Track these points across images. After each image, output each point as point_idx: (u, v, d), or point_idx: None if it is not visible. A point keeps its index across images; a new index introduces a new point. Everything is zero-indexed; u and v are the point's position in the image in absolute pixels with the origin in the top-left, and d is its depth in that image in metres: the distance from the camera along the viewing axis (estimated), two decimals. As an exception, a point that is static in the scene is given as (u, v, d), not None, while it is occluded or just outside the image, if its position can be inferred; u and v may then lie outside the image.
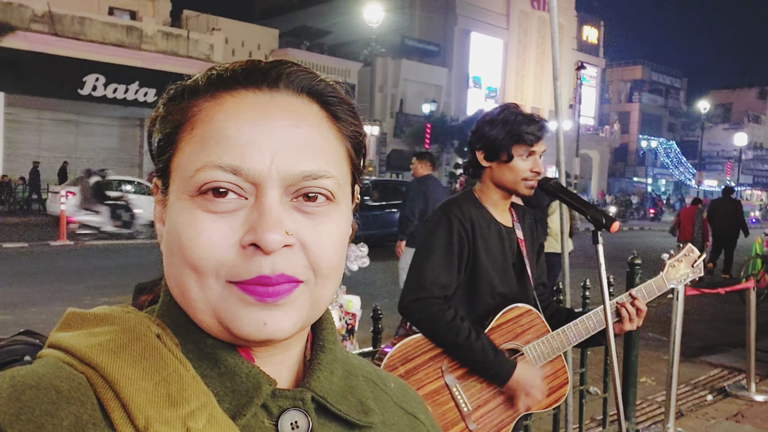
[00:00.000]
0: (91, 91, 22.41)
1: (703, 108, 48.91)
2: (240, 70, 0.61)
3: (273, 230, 0.54)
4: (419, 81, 38.18)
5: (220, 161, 0.56)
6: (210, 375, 0.58)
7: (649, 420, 4.77)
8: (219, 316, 0.57)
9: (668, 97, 68.04)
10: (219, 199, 0.56)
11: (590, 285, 3.49)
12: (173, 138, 0.61)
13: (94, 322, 0.58)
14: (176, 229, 0.58)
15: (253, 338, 0.56)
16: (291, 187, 0.57)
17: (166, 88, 0.65)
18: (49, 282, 9.51)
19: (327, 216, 0.59)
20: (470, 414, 2.02)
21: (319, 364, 0.63)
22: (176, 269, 0.58)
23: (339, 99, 0.63)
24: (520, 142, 2.11)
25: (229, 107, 0.59)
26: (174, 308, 0.61)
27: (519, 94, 45.91)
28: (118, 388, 0.51)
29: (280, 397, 0.59)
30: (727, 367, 6.31)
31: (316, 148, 0.59)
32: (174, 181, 0.60)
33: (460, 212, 2.12)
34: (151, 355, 0.54)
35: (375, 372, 0.74)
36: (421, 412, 0.75)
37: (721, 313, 9.25)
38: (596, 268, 2.12)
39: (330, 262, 0.59)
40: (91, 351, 0.53)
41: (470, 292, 2.13)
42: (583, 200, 2.17)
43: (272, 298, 0.56)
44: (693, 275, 2.29)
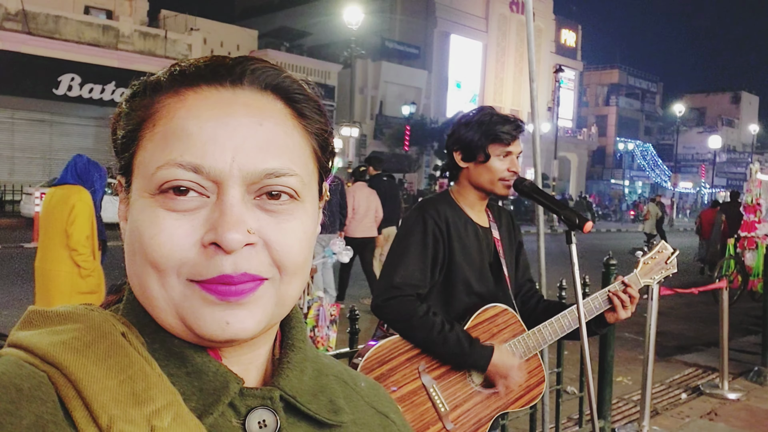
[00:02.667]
0: (66, 91, 22.12)
1: (678, 111, 49.58)
2: (204, 65, 0.60)
3: (234, 229, 0.54)
4: (399, 83, 38.24)
5: (180, 159, 0.55)
6: (177, 374, 0.57)
7: (625, 419, 4.82)
8: (181, 315, 0.56)
9: (645, 101, 68.91)
10: (180, 197, 0.55)
11: (566, 285, 3.51)
12: (135, 135, 0.60)
13: (57, 320, 0.56)
14: (137, 227, 0.56)
15: (216, 338, 0.55)
16: (253, 185, 0.56)
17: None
18: (22, 284, 9.34)
19: (291, 214, 0.58)
20: (447, 414, 2.02)
21: (288, 362, 0.63)
22: (138, 267, 0.57)
23: (304, 96, 0.62)
24: (497, 142, 2.12)
25: (191, 104, 0.58)
26: (139, 307, 0.60)
27: (498, 96, 46.18)
28: (80, 386, 0.50)
29: (248, 396, 0.59)
30: (701, 366, 6.40)
31: (279, 145, 0.58)
32: (136, 178, 0.59)
33: (436, 213, 2.12)
34: (116, 353, 0.53)
35: (346, 371, 0.74)
36: (393, 411, 0.75)
37: (696, 313, 9.39)
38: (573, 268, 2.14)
39: (295, 259, 0.58)
40: (53, 349, 0.52)
41: (447, 292, 2.14)
42: (557, 200, 2.19)
43: (235, 297, 0.55)
44: (666, 272, 2.31)
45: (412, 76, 39.38)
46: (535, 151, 3.35)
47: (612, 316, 2.17)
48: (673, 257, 2.31)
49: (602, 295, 2.18)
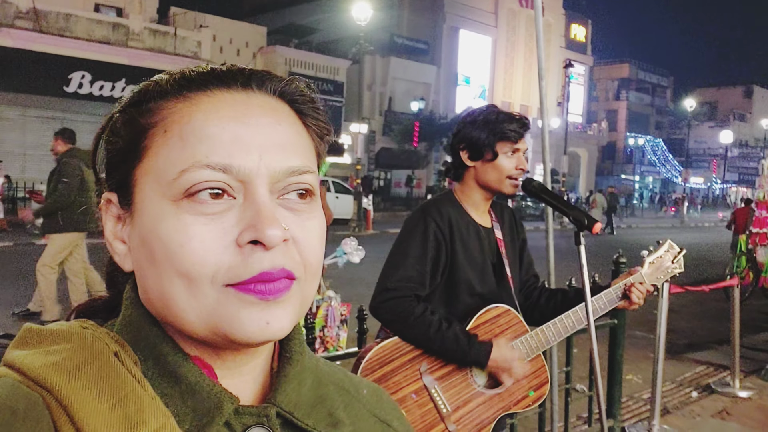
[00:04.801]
0: (77, 88, 22.24)
1: (689, 106, 49.26)
2: (208, 70, 0.60)
3: (273, 225, 0.54)
4: (408, 79, 38.19)
5: (207, 160, 0.54)
6: (171, 393, 0.56)
7: (635, 417, 4.80)
8: (215, 323, 0.54)
9: (655, 96, 68.50)
10: (209, 200, 0.54)
11: (575, 284, 3.50)
12: (137, 144, 0.58)
13: (51, 339, 0.56)
14: (160, 238, 0.55)
15: (255, 340, 0.55)
16: (278, 183, 0.57)
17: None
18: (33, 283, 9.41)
19: (311, 212, 0.59)
20: (450, 415, 2.01)
21: (285, 376, 0.62)
22: (160, 280, 0.55)
23: (306, 98, 0.63)
24: (504, 139, 2.11)
25: (207, 107, 0.57)
26: (137, 323, 0.59)
27: (507, 91, 46.04)
28: (71, 410, 0.49)
29: (243, 414, 0.58)
30: (713, 364, 6.36)
31: (296, 144, 0.59)
32: (145, 188, 0.57)
33: (438, 214, 2.11)
34: (108, 374, 0.52)
35: (347, 379, 0.73)
36: (395, 418, 0.73)
37: (708, 310, 9.32)
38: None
39: (317, 257, 0.59)
40: (45, 371, 0.51)
41: (449, 294, 2.13)
42: (565, 201, 2.18)
43: (273, 296, 0.54)
44: (673, 272, 2.29)
45: (420, 72, 39.31)
46: (544, 148, 3.33)
47: (627, 303, 2.19)
48: (679, 256, 2.29)
49: (607, 295, 2.18)
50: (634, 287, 2.16)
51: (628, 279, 2.20)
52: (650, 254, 2.28)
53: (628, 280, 2.19)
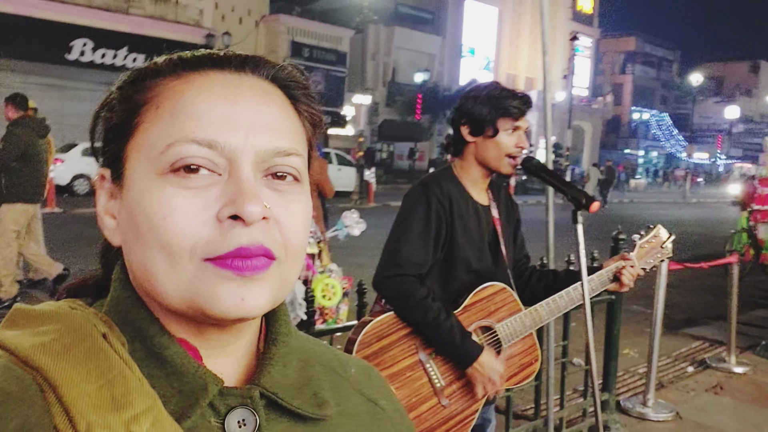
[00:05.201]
0: (78, 56, 22.07)
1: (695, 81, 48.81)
2: (204, 54, 0.62)
3: (254, 201, 0.54)
4: (412, 49, 37.82)
5: (194, 135, 0.56)
6: (157, 375, 0.57)
7: (631, 391, 4.86)
8: (192, 297, 0.55)
9: (661, 69, 67.86)
10: (192, 175, 0.55)
11: (574, 260, 3.52)
12: (132, 119, 0.60)
13: (40, 320, 0.56)
14: (144, 210, 0.56)
15: (230, 314, 0.55)
16: (263, 163, 0.58)
17: (154, 54, 0.65)
18: (37, 249, 9.47)
19: (296, 195, 0.60)
20: (443, 389, 2.05)
21: (270, 358, 0.63)
22: (142, 254, 0.57)
23: (298, 84, 0.65)
24: (506, 116, 2.12)
25: (199, 84, 0.59)
26: (124, 303, 0.60)
27: (513, 63, 45.61)
28: (59, 391, 0.50)
29: (227, 396, 0.59)
30: (709, 340, 6.42)
31: (285, 127, 0.60)
32: (135, 163, 0.58)
33: (440, 190, 2.12)
34: (96, 356, 0.53)
35: (336, 358, 0.73)
36: (384, 397, 0.74)
37: (707, 286, 9.37)
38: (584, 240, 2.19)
39: (300, 240, 0.60)
40: (33, 352, 0.52)
41: (446, 269, 2.15)
42: (564, 180, 2.20)
43: (250, 272, 0.55)
44: (662, 256, 2.33)
45: (425, 42, 38.91)
46: (546, 125, 3.33)
47: (618, 285, 2.24)
48: (668, 242, 2.33)
49: (599, 277, 2.22)
50: (626, 270, 2.20)
51: (619, 262, 2.24)
52: (641, 238, 2.32)
53: (619, 263, 2.23)
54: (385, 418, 0.72)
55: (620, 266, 2.22)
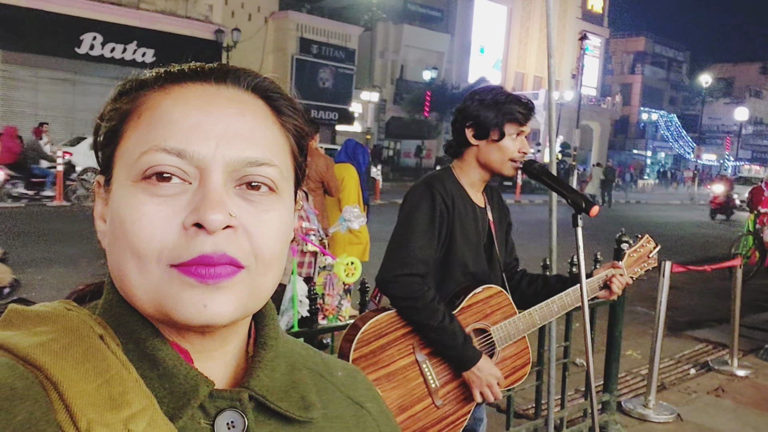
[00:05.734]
0: (88, 50, 22.14)
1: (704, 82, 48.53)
2: (188, 68, 0.64)
3: (216, 209, 0.55)
4: (421, 47, 37.75)
5: (164, 144, 0.57)
6: (150, 376, 0.58)
7: (632, 392, 4.88)
8: (159, 302, 0.57)
9: (671, 70, 67.53)
10: (162, 183, 0.57)
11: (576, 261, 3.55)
12: (119, 128, 0.62)
13: (36, 320, 0.58)
14: (119, 215, 0.58)
15: (193, 321, 0.56)
16: (235, 173, 0.59)
17: (164, 48, 0.67)
18: (45, 243, 9.56)
19: (270, 205, 0.61)
20: (438, 390, 2.06)
21: (259, 362, 0.64)
22: (118, 257, 0.58)
23: (281, 95, 0.66)
24: (512, 121, 2.15)
25: (176, 95, 0.61)
26: (116, 306, 0.61)
27: (521, 62, 45.48)
28: (60, 389, 0.51)
29: (217, 398, 0.60)
30: (712, 342, 6.43)
31: (260, 137, 0.61)
32: (118, 169, 0.61)
33: (443, 188, 2.14)
34: (94, 356, 0.55)
35: (323, 362, 0.75)
36: (369, 399, 0.76)
37: (711, 288, 9.36)
38: (588, 241, 2.26)
39: (272, 249, 0.60)
40: (33, 351, 0.53)
41: (444, 270, 2.17)
42: (565, 184, 2.22)
43: (213, 280, 0.56)
44: (647, 266, 2.40)
45: (434, 40, 38.84)
46: (551, 127, 3.35)
47: (607, 293, 2.30)
48: (654, 252, 2.38)
49: (589, 284, 2.26)
50: (615, 278, 2.25)
51: (610, 270, 2.29)
52: (630, 247, 2.39)
53: (610, 271, 2.28)
54: (370, 420, 0.73)
55: (610, 274, 2.27)
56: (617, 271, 2.27)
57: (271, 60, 29.59)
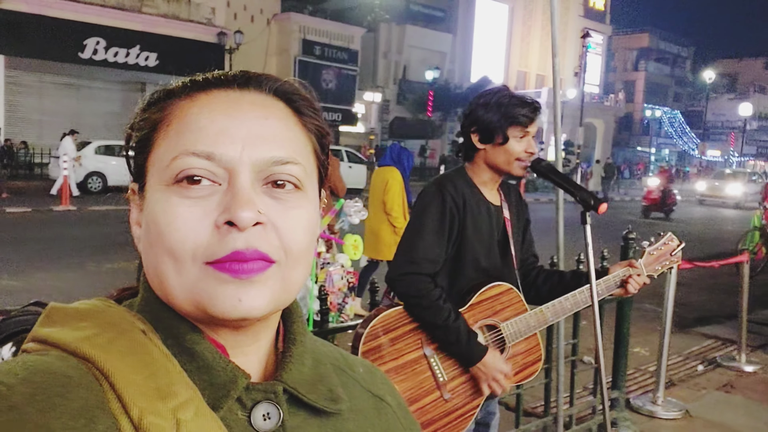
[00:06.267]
0: (92, 54, 22.25)
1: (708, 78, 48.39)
2: (212, 76, 0.67)
3: (246, 207, 0.58)
4: (423, 47, 37.78)
5: (194, 148, 0.60)
6: (190, 369, 0.60)
7: (641, 389, 4.88)
8: (196, 298, 0.59)
9: (675, 66, 67.35)
10: (193, 186, 0.60)
11: (584, 259, 3.55)
12: (150, 137, 0.65)
13: (78, 317, 0.60)
14: (154, 218, 0.61)
15: (229, 315, 0.59)
16: (261, 172, 0.61)
17: (167, 52, 0.69)
18: (54, 248, 9.60)
19: (296, 202, 0.63)
20: (446, 384, 2.09)
21: (290, 356, 0.67)
22: (154, 258, 0.61)
23: (301, 97, 0.68)
24: (515, 124, 2.15)
25: (202, 102, 0.64)
26: (154, 304, 0.64)
27: (524, 60, 45.44)
28: (111, 380, 0.54)
29: (253, 390, 0.63)
30: (720, 338, 6.42)
31: (283, 138, 0.64)
32: (151, 176, 0.64)
33: (454, 189, 2.16)
34: (138, 350, 0.57)
35: (343, 358, 0.78)
36: (388, 393, 0.79)
37: (719, 284, 9.33)
38: (594, 239, 2.24)
39: (300, 244, 0.63)
40: (81, 344, 0.56)
41: (455, 267, 2.19)
42: (573, 182, 2.23)
43: (246, 275, 0.59)
44: (670, 264, 2.37)
45: (436, 40, 38.87)
46: (556, 127, 3.35)
47: (623, 291, 2.29)
48: (678, 249, 2.36)
49: (606, 282, 2.26)
50: (632, 279, 2.25)
51: (627, 269, 2.28)
52: (650, 245, 2.35)
53: (627, 270, 2.27)
54: (390, 412, 0.77)
55: (627, 274, 2.26)
56: (634, 270, 2.26)
57: (274, 62, 29.64)
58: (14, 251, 9.15)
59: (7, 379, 0.52)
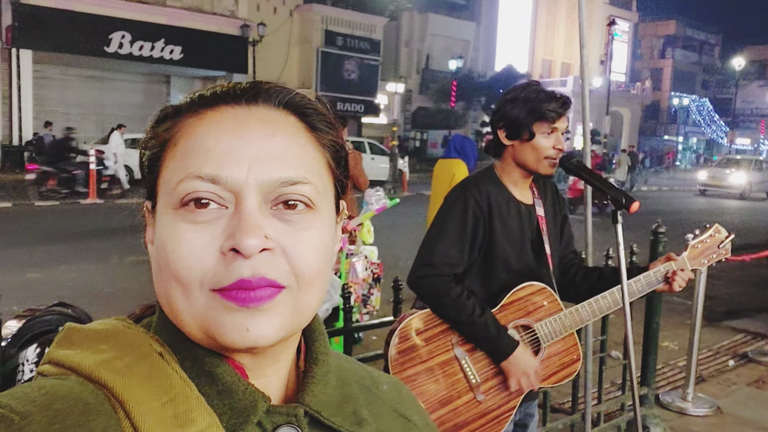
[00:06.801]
0: (117, 48, 22.42)
1: (738, 65, 47.37)
2: (220, 90, 0.64)
3: (251, 234, 0.55)
4: (446, 36, 37.50)
5: (199, 171, 0.58)
6: (209, 393, 0.59)
7: (670, 385, 4.80)
8: (204, 325, 0.58)
9: (702, 54, 66.04)
10: (200, 210, 0.57)
11: (612, 253, 3.48)
12: (159, 156, 0.63)
13: (96, 338, 0.59)
14: (162, 243, 0.59)
15: (237, 345, 0.57)
16: (269, 194, 0.59)
17: (191, 45, 0.66)
18: (78, 240, 9.73)
19: (307, 223, 0.60)
20: (479, 386, 2.08)
21: (312, 377, 0.65)
22: (164, 283, 0.59)
23: (315, 110, 0.65)
24: (542, 120, 2.10)
25: (209, 121, 0.61)
26: (170, 325, 0.62)
27: (549, 49, 44.93)
28: (127, 408, 0.53)
29: (274, 414, 0.61)
30: (751, 333, 6.29)
31: (293, 155, 0.61)
32: (160, 197, 0.62)
33: (478, 191, 2.13)
34: (157, 374, 0.56)
35: (368, 376, 0.76)
36: (415, 413, 0.76)
37: (749, 276, 9.16)
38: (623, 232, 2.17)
39: (312, 268, 0.60)
40: (97, 370, 0.54)
41: (486, 269, 2.16)
42: (604, 179, 2.17)
43: (254, 303, 0.56)
44: (719, 257, 2.25)
45: (459, 29, 38.54)
46: (584, 118, 3.28)
47: (666, 287, 2.19)
48: (727, 241, 2.25)
49: (647, 278, 2.17)
50: (677, 275, 2.14)
51: (670, 264, 2.17)
52: (694, 238, 2.24)
53: (670, 265, 2.17)
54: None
55: (671, 269, 2.16)
56: (677, 265, 2.16)
57: (297, 53, 29.66)
58: (39, 244, 9.29)
59: (24, 406, 0.50)
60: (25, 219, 11.86)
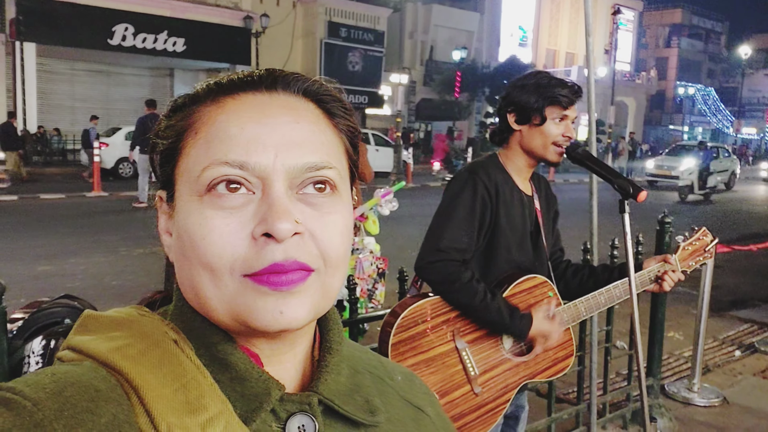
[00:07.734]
0: (120, 41, 22.41)
1: (744, 53, 47.05)
2: (237, 78, 0.64)
3: (283, 218, 0.56)
4: (450, 26, 37.34)
5: (226, 158, 0.58)
6: (222, 380, 0.59)
7: (675, 375, 4.80)
8: (235, 311, 0.58)
9: (708, 42, 65.64)
10: (227, 194, 0.58)
11: (618, 244, 3.47)
12: (177, 146, 0.63)
13: (111, 326, 0.60)
14: (188, 231, 0.59)
15: (271, 328, 0.58)
16: (295, 179, 0.60)
17: (195, 37, 0.67)
18: (86, 233, 9.76)
19: (332, 207, 0.61)
20: (477, 378, 2.05)
21: (326, 366, 0.65)
22: (189, 271, 0.60)
23: (332, 97, 0.66)
24: (554, 104, 2.09)
25: (230, 108, 0.61)
26: (187, 312, 0.63)
27: (553, 39, 44.70)
28: (140, 393, 0.53)
29: (287, 402, 0.61)
30: (757, 323, 6.27)
31: (316, 142, 0.62)
32: (180, 186, 0.62)
33: (487, 176, 2.11)
34: (170, 361, 0.57)
35: (381, 365, 0.76)
36: (428, 404, 0.77)
37: (755, 266, 9.13)
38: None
39: (338, 250, 0.61)
40: (112, 356, 0.55)
41: (487, 257, 2.14)
42: (611, 169, 2.16)
43: (286, 287, 0.57)
44: (703, 260, 2.33)
45: (463, 19, 38.36)
46: (590, 108, 3.27)
47: (656, 287, 2.26)
48: (711, 246, 2.31)
49: (640, 277, 2.21)
50: (668, 275, 2.20)
51: (662, 265, 2.23)
52: (685, 240, 2.31)
53: (662, 266, 2.23)
54: (429, 423, 0.75)
55: (662, 269, 2.21)
56: (669, 266, 2.21)
57: (300, 45, 29.58)
58: (48, 236, 9.33)
59: (35, 393, 0.51)
60: (32, 212, 11.91)
